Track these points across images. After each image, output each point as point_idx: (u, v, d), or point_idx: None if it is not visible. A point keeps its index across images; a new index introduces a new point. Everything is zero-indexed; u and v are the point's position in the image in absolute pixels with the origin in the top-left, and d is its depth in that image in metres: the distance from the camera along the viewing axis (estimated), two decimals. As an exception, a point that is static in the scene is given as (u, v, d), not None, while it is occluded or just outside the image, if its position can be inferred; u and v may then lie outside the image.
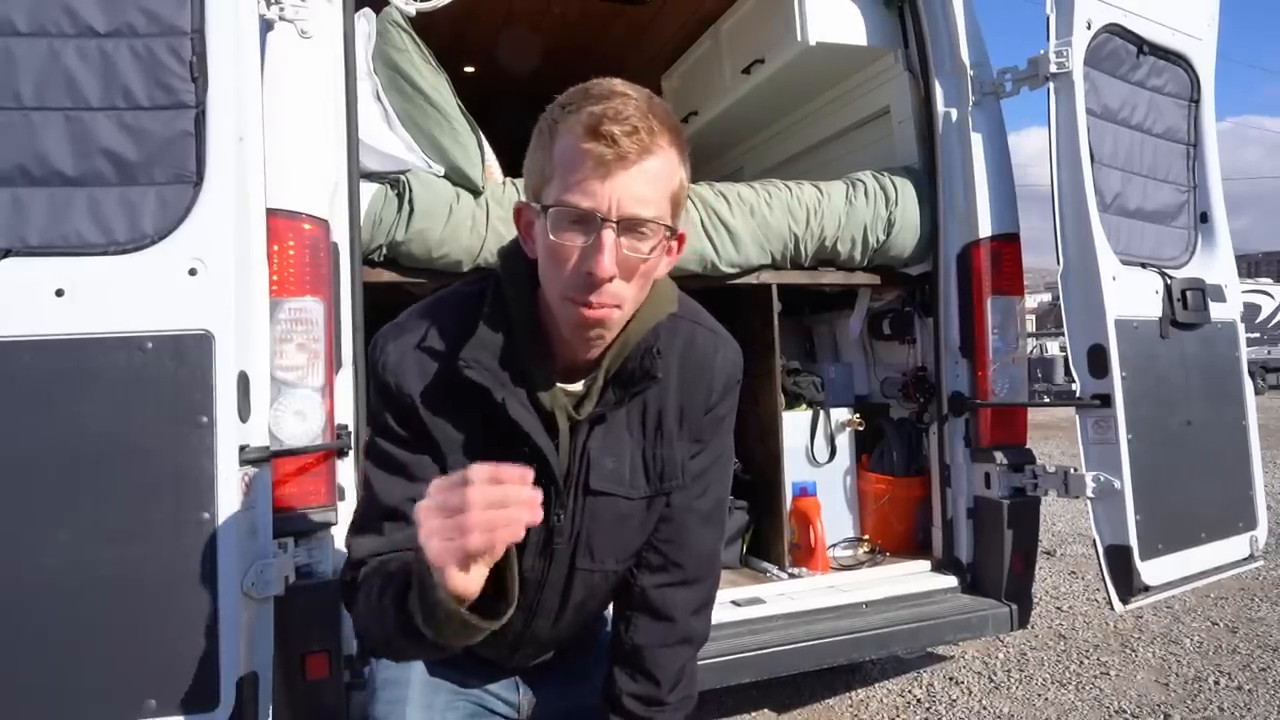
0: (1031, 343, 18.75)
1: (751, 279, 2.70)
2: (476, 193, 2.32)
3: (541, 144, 0.99)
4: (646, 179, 0.94)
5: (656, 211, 0.96)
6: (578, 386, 1.10)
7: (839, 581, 2.74)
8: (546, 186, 0.97)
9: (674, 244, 1.03)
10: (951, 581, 2.66)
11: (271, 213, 1.77)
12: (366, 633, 1.04)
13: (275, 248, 1.83)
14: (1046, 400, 8.09)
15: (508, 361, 1.05)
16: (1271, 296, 19.06)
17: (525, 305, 1.07)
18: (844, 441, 3.14)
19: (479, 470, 0.79)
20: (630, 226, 0.95)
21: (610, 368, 1.08)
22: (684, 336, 1.15)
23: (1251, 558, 2.63)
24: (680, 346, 1.14)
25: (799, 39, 2.95)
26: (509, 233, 2.30)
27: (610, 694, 1.23)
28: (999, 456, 2.57)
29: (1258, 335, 17.88)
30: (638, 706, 1.21)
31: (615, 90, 0.95)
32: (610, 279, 0.95)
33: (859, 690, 3.04)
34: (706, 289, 2.54)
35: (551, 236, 0.95)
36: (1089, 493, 2.33)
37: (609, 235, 0.93)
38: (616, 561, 1.20)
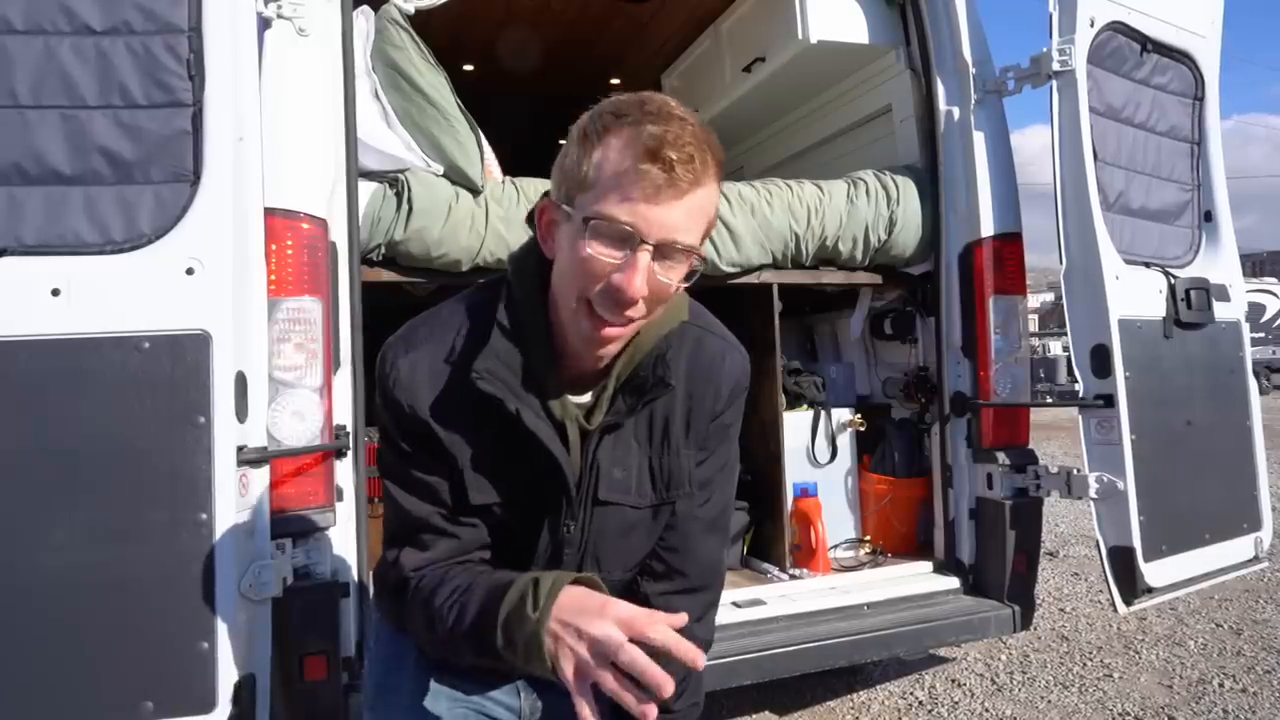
0: (1034, 342, 18.73)
1: (752, 278, 2.69)
2: (475, 192, 2.31)
3: (584, 148, 0.96)
4: (691, 209, 0.94)
5: (692, 240, 0.96)
6: (586, 397, 1.10)
7: (840, 583, 2.73)
8: (585, 193, 0.95)
9: (700, 268, 1.03)
10: (953, 583, 2.65)
11: (269, 212, 1.76)
12: (415, 630, 1.11)
13: (273, 247, 1.82)
14: (1049, 400, 8.06)
15: (521, 371, 1.04)
16: (1276, 296, 18.99)
17: (536, 313, 1.06)
18: (845, 442, 3.13)
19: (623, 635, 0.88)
20: (665, 253, 0.95)
21: (621, 376, 1.07)
22: (692, 342, 1.14)
23: (1256, 559, 2.62)
24: (688, 353, 1.13)
25: (800, 37, 2.94)
26: (508, 232, 2.30)
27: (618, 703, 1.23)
28: (1001, 457, 2.56)
29: (1262, 335, 17.80)
30: None
31: (673, 112, 0.95)
32: (638, 300, 0.95)
33: (860, 692, 3.03)
34: (706, 289, 2.52)
35: (587, 248, 0.93)
36: (1092, 493, 2.32)
37: (644, 257, 0.93)
38: (623, 570, 1.20)
